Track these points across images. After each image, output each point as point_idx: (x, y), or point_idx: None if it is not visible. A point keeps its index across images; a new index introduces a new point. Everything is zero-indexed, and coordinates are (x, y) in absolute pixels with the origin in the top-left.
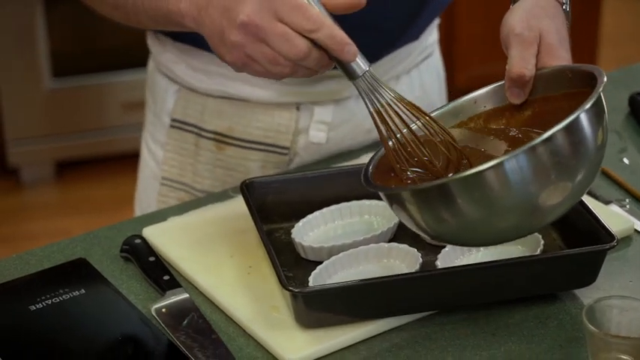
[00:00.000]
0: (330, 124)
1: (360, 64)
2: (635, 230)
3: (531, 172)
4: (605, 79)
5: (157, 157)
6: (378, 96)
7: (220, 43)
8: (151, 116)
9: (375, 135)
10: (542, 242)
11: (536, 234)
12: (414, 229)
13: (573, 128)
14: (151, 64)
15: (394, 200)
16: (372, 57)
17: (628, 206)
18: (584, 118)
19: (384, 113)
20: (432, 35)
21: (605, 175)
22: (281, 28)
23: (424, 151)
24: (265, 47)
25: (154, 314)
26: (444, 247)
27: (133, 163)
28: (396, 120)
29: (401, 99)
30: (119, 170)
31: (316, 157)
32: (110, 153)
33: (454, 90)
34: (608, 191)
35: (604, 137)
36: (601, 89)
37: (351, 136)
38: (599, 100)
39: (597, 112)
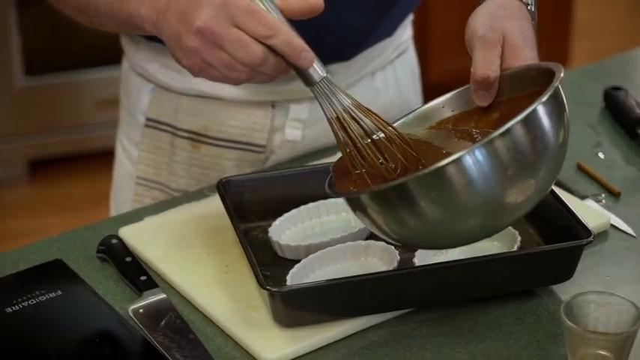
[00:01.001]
0: (305, 122)
1: (318, 70)
2: (612, 225)
3: (489, 167)
4: (562, 74)
5: (132, 157)
6: (335, 102)
7: (178, 47)
8: (126, 115)
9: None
10: (519, 238)
11: (513, 230)
12: (379, 234)
13: (530, 122)
14: (124, 63)
15: (356, 205)
16: (345, 55)
17: (604, 201)
18: (541, 112)
19: (341, 119)
20: (406, 31)
21: (581, 169)
22: (237, 33)
23: (381, 156)
24: (222, 53)
25: (132, 315)
26: None
27: (107, 161)
28: (354, 126)
29: (358, 105)
30: (94, 168)
31: (292, 154)
32: (84, 151)
33: (428, 86)
34: (584, 186)
35: (565, 133)
36: (557, 83)
37: (326, 134)
38: (556, 95)
39: (555, 107)
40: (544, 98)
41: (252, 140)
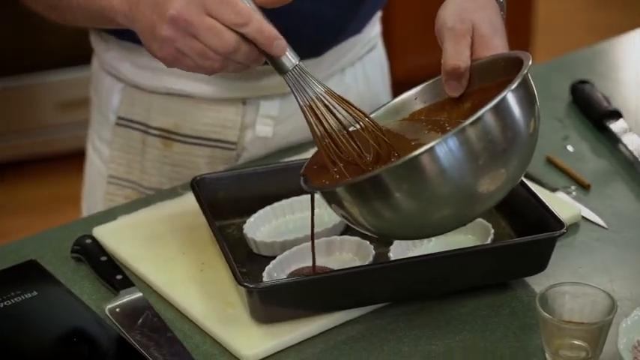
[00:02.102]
0: (276, 119)
1: (290, 58)
2: (583, 217)
3: (461, 156)
4: (530, 62)
5: (104, 156)
6: (308, 90)
7: (151, 38)
8: (97, 114)
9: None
10: (493, 231)
11: (486, 223)
12: (355, 226)
13: (500, 110)
14: (95, 62)
15: (330, 199)
16: (316, 50)
17: (574, 193)
18: (510, 100)
19: (314, 107)
20: (375, 27)
21: (550, 162)
22: (210, 22)
23: (355, 145)
24: (195, 41)
25: (108, 314)
26: None
27: (73, 163)
28: (327, 114)
29: (331, 93)
30: (59, 170)
31: (264, 151)
32: (48, 153)
33: (394, 83)
34: (554, 179)
35: (535, 122)
36: (525, 71)
37: (298, 130)
38: (525, 83)
39: (525, 95)
40: (513, 86)
41: (223, 137)
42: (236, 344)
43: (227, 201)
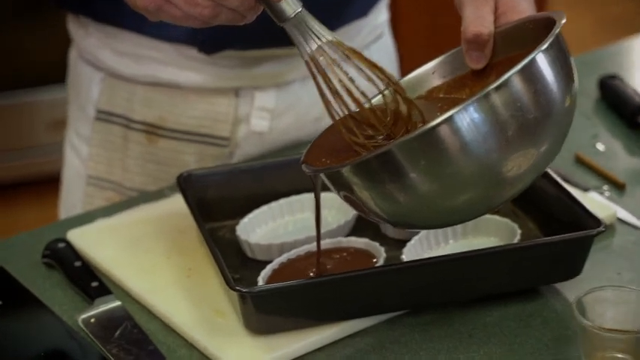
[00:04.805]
0: (272, 112)
1: (291, 2)
2: (618, 219)
3: (486, 127)
4: (564, 21)
5: (82, 154)
6: (313, 40)
7: None
8: (74, 110)
9: (324, 124)
10: (519, 232)
11: (511, 223)
12: (365, 214)
13: (530, 72)
14: (72, 52)
15: (337, 182)
16: None
17: (608, 193)
18: (542, 61)
19: (320, 61)
20: (381, 14)
21: (580, 161)
22: None
23: (369, 104)
24: None
25: (82, 325)
26: (409, 240)
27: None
28: (336, 69)
29: (340, 43)
30: (51, 194)
31: (259, 149)
32: (34, 176)
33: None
34: (585, 178)
35: (571, 90)
36: (558, 30)
37: (296, 126)
38: (558, 44)
39: (559, 57)
40: (545, 45)
41: (214, 132)
42: (228, 358)
43: (218, 200)
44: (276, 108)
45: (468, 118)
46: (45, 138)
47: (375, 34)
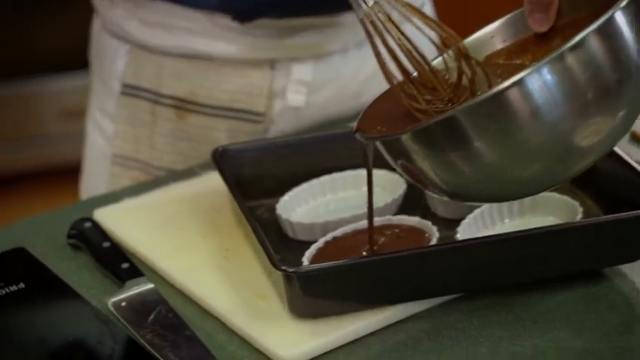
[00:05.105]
0: (310, 85)
1: None
2: None
3: (560, 90)
4: None
5: (106, 132)
6: None
7: None
8: (98, 84)
9: (364, 100)
10: (581, 210)
11: (571, 201)
12: (422, 184)
13: (608, 31)
14: (96, 24)
15: (394, 151)
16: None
17: None
18: (620, 19)
19: (376, 19)
20: None
21: (637, 139)
22: None
23: (429, 66)
24: None
25: (112, 309)
26: (460, 219)
27: (75, 178)
28: (394, 28)
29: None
30: (60, 185)
31: (295, 125)
32: (46, 166)
33: None
34: None
35: None
36: None
37: (336, 100)
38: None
39: (637, 15)
40: (624, 2)
41: (248, 107)
42: (270, 344)
43: (255, 178)
44: (314, 81)
45: (540, 80)
46: (54, 128)
47: (418, 2)
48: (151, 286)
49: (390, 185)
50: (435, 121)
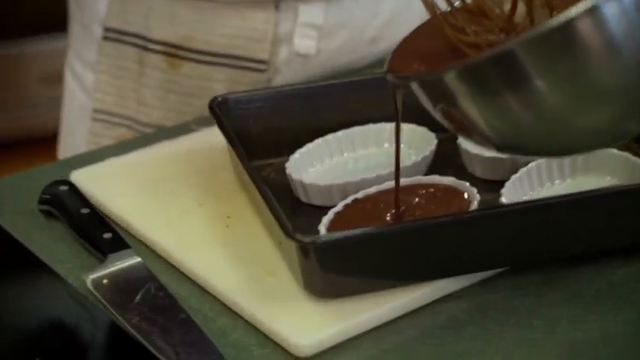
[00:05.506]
0: (320, 29)
1: None
2: None
3: None
4: None
5: (87, 84)
6: None
7: None
8: (77, 29)
9: (382, 47)
10: None
11: (633, 158)
12: (465, 133)
13: None
14: None
15: (436, 92)
16: None
17: None
18: None
19: None
20: None
21: None
22: None
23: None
24: None
25: (92, 288)
26: (501, 181)
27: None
28: None
29: None
30: (42, 154)
31: (304, 75)
32: (30, 134)
33: None
34: None
35: None
36: None
37: (349, 47)
38: None
39: None
40: None
41: (249, 54)
42: (282, 330)
43: (261, 132)
44: (325, 25)
45: (616, 6)
46: (35, 92)
47: None
48: (137, 259)
49: (417, 141)
50: (488, 56)
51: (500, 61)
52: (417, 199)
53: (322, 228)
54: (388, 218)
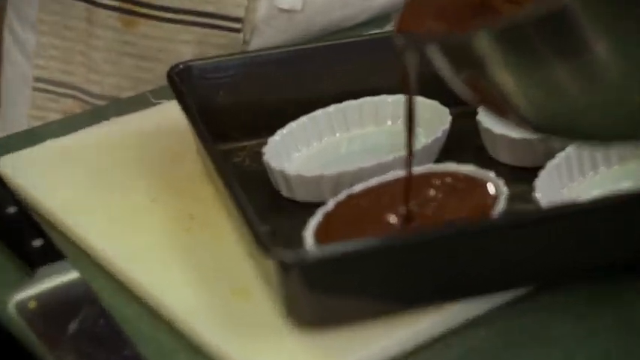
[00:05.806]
0: None
1: None
2: None
3: None
4: None
5: (27, 48)
6: None
7: None
8: None
9: (380, 0)
10: None
11: None
12: (495, 108)
13: None
14: None
15: (461, 58)
16: None
17: None
18: None
19: None
20: None
21: None
22: None
23: None
24: None
25: (15, 313)
26: (533, 168)
27: None
28: None
29: None
30: None
31: (287, 35)
32: None
33: None
34: None
35: None
36: None
37: (340, 1)
38: None
39: None
40: None
41: (221, 10)
42: None
43: (232, 108)
44: None
45: None
46: None
47: None
48: (74, 274)
49: (427, 119)
50: (533, 12)
51: (550, 18)
52: (430, 194)
53: (308, 236)
54: (393, 221)
